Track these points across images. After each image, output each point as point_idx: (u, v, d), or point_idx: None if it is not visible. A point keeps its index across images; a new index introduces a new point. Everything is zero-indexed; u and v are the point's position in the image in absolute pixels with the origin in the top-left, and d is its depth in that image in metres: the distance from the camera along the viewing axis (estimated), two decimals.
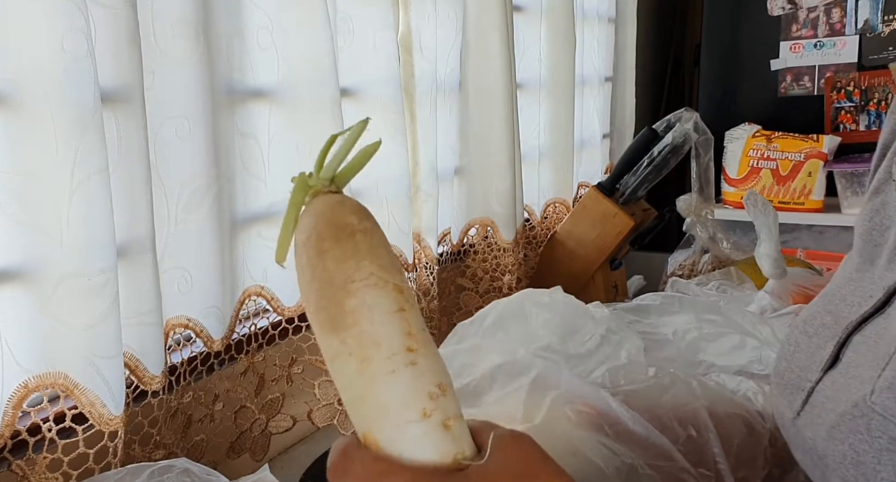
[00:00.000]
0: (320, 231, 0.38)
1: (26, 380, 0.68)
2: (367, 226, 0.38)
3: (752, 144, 1.83)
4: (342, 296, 0.37)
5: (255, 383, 0.96)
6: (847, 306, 0.46)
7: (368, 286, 0.36)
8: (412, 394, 0.36)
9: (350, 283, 0.36)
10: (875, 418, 0.38)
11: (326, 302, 0.37)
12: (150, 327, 0.76)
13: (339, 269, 0.37)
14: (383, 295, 0.36)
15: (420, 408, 0.36)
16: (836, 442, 0.41)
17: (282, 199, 0.96)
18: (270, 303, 0.97)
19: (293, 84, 0.93)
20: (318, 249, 0.38)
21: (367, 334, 0.36)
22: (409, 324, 0.37)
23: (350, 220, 0.38)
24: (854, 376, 0.42)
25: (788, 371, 0.48)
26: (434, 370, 0.37)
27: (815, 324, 0.48)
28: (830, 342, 0.45)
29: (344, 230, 0.37)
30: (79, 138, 0.66)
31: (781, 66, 1.93)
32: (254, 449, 0.96)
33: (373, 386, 0.36)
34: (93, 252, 0.68)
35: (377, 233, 0.39)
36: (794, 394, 0.46)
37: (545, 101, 1.59)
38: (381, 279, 0.37)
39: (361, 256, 0.37)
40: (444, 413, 0.37)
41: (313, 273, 0.38)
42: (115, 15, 0.69)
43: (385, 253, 0.38)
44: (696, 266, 1.49)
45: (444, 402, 0.37)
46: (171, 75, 0.78)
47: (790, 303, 1.06)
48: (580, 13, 1.71)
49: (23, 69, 0.64)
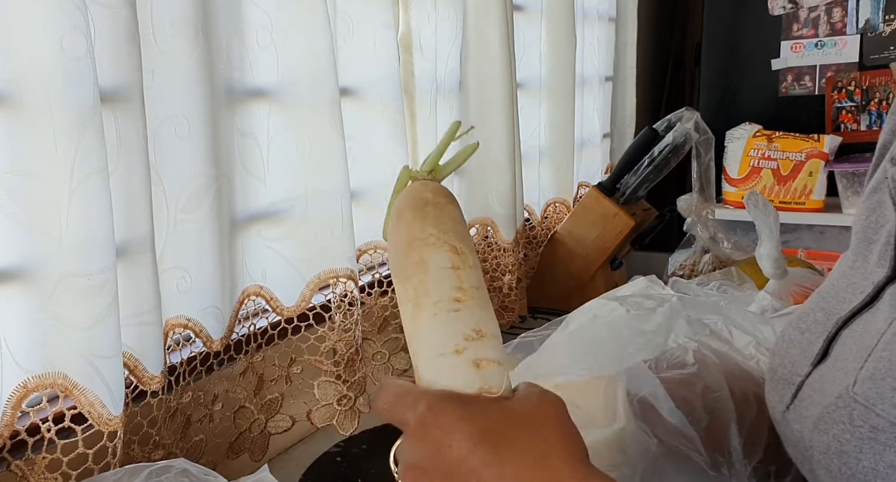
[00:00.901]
0: (402, 204, 0.45)
1: (25, 380, 0.68)
2: (439, 200, 0.45)
3: (752, 144, 1.83)
4: (407, 251, 0.43)
5: (255, 383, 0.96)
6: (839, 302, 0.46)
7: (427, 245, 0.42)
8: (448, 333, 0.41)
9: (414, 241, 0.43)
10: (857, 408, 0.39)
11: (398, 255, 0.44)
12: (149, 327, 0.76)
13: (409, 230, 0.43)
14: (439, 253, 0.42)
15: (453, 345, 0.41)
16: (820, 433, 0.41)
17: (281, 199, 0.96)
18: (270, 303, 0.96)
19: (293, 83, 0.93)
20: (398, 217, 0.45)
21: (423, 284, 0.42)
22: (460, 280, 0.42)
23: (426, 194, 0.45)
24: (839, 369, 0.43)
25: (781, 366, 0.49)
26: (477, 318, 0.42)
27: (808, 320, 0.49)
28: (821, 337, 0.46)
29: (419, 201, 0.44)
30: (78, 138, 0.65)
31: (782, 65, 1.93)
32: (253, 449, 0.96)
33: (419, 326, 0.42)
34: (92, 252, 0.68)
35: (449, 208, 0.45)
36: (784, 389, 0.47)
37: (545, 100, 1.59)
38: (438, 240, 0.42)
39: (427, 222, 0.43)
40: (476, 353, 0.41)
41: (393, 234, 0.45)
42: (115, 14, 0.69)
43: (450, 222, 0.44)
44: (697, 266, 1.49)
45: (479, 344, 0.41)
46: (171, 74, 0.78)
47: (791, 304, 1.06)
48: (580, 13, 1.71)
49: (22, 69, 0.64)
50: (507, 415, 0.39)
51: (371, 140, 1.08)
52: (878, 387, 0.38)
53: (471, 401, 0.39)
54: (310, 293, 0.99)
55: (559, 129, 1.61)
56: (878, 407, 0.38)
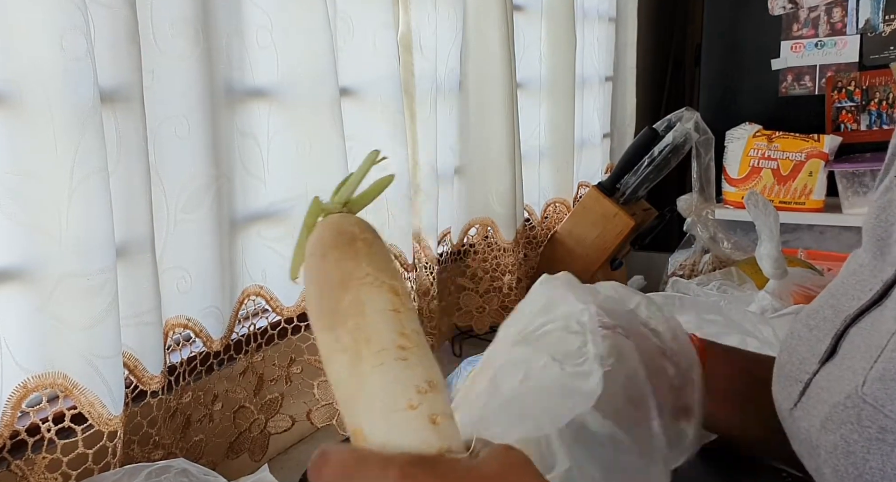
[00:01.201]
0: (324, 239, 0.40)
1: (25, 380, 0.68)
2: (368, 236, 0.40)
3: (752, 144, 1.83)
4: (339, 292, 0.38)
5: (255, 383, 0.96)
6: (848, 300, 0.46)
7: (364, 284, 0.38)
8: (399, 386, 0.37)
9: (347, 281, 0.38)
10: (866, 408, 0.39)
11: (324, 299, 0.39)
12: (149, 327, 0.76)
13: (338, 269, 0.39)
14: (378, 294, 0.38)
15: (406, 400, 0.37)
16: (828, 432, 0.41)
17: (281, 199, 0.96)
18: (269, 303, 0.96)
19: (293, 83, 0.93)
20: (321, 254, 0.40)
21: (360, 329, 0.38)
22: (402, 324, 0.38)
23: (352, 229, 0.40)
24: (848, 367, 0.42)
25: (789, 363, 0.49)
26: (425, 367, 0.38)
27: (817, 317, 0.49)
28: (829, 335, 0.46)
29: (345, 236, 0.40)
30: (78, 138, 0.65)
31: (782, 65, 1.93)
32: (253, 449, 0.96)
33: (361, 379, 0.37)
34: (92, 251, 0.68)
35: (378, 243, 0.41)
36: (792, 386, 0.47)
37: (545, 100, 1.59)
38: (377, 279, 0.38)
39: (360, 259, 0.39)
40: (431, 408, 0.37)
41: (315, 274, 0.40)
42: (115, 14, 0.69)
43: (384, 259, 0.40)
44: (697, 266, 1.49)
45: (432, 398, 0.37)
46: (171, 74, 0.78)
47: (791, 304, 1.06)
48: (580, 13, 1.71)
49: (22, 68, 0.64)
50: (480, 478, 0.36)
51: (371, 140, 1.08)
52: (887, 388, 0.38)
53: (439, 464, 0.36)
54: None
55: (559, 129, 1.61)
56: (886, 408, 0.38)
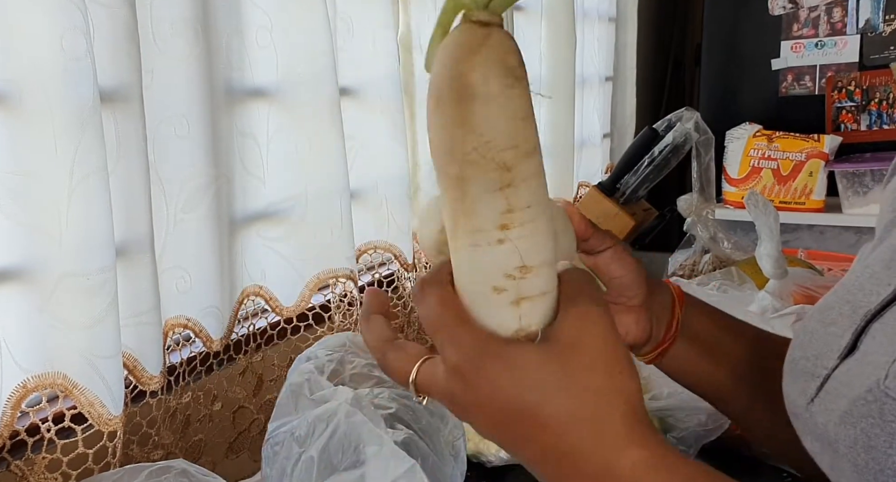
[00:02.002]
0: (440, 87, 0.34)
1: (25, 380, 0.68)
2: (489, 90, 0.33)
3: (752, 144, 1.83)
4: (447, 161, 0.35)
5: (254, 383, 0.96)
6: (865, 295, 0.46)
7: (468, 161, 0.34)
8: (488, 270, 0.36)
9: (452, 151, 0.35)
10: (888, 403, 0.38)
11: (435, 159, 0.36)
12: (148, 327, 0.76)
13: (447, 135, 0.35)
14: (482, 173, 0.34)
15: (491, 284, 0.36)
16: (848, 427, 0.41)
17: (281, 199, 0.96)
18: (269, 303, 0.96)
19: (292, 83, 0.93)
20: (438, 101, 0.35)
21: (460, 204, 0.35)
22: (509, 202, 0.35)
23: (472, 78, 0.33)
24: (869, 363, 0.42)
25: (803, 359, 0.48)
26: (525, 250, 0.36)
27: (832, 313, 0.48)
28: (848, 330, 0.45)
29: (463, 91, 0.33)
30: (78, 138, 0.65)
31: (782, 65, 1.93)
32: (252, 449, 0.96)
33: (456, 247, 0.37)
34: (92, 251, 0.68)
35: (501, 98, 0.34)
36: (807, 382, 0.47)
37: (545, 100, 1.59)
38: (483, 157, 0.34)
39: (469, 128, 0.34)
40: (518, 292, 0.36)
41: (431, 129, 0.36)
42: (114, 14, 0.69)
43: (502, 123, 0.34)
44: (697, 266, 1.49)
45: (522, 283, 0.36)
46: (170, 74, 0.78)
47: (791, 304, 1.06)
48: (580, 13, 1.71)
49: (22, 69, 0.64)
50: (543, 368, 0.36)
51: (371, 140, 1.08)
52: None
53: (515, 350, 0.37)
54: (309, 293, 0.99)
55: (559, 129, 1.60)
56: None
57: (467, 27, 0.34)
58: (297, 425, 0.68)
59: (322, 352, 0.77)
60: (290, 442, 0.67)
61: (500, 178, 0.34)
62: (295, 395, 0.71)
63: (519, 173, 0.35)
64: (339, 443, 0.64)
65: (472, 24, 0.34)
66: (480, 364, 0.37)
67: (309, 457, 0.65)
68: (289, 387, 0.72)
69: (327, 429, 0.65)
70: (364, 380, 0.75)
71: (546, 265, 0.37)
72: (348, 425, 0.65)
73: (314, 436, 0.66)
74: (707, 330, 0.57)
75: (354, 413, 0.65)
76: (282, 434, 0.69)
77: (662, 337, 0.55)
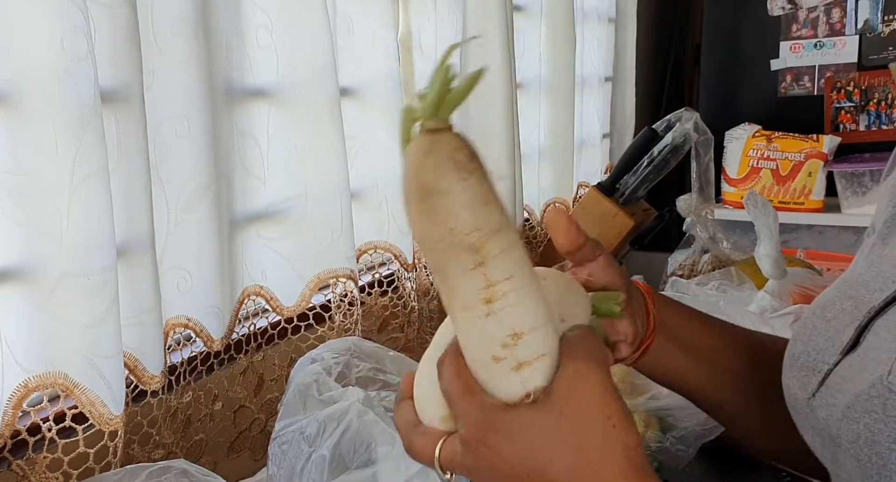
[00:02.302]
0: (406, 188, 0.39)
1: (26, 379, 0.68)
2: (443, 186, 0.37)
3: (752, 144, 1.83)
4: (424, 250, 0.39)
5: (255, 383, 0.96)
6: (868, 291, 0.46)
7: (438, 250, 0.38)
8: (483, 342, 0.39)
9: (424, 242, 0.39)
10: (891, 398, 0.39)
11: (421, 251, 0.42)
12: (149, 327, 0.76)
13: (418, 229, 0.39)
14: (455, 255, 0.38)
15: (490, 354, 0.39)
16: (850, 422, 0.41)
17: (281, 199, 0.96)
18: (270, 302, 0.97)
19: (293, 83, 0.93)
20: (405, 206, 0.39)
21: (445, 284, 0.39)
22: (487, 277, 0.38)
23: (427, 178, 0.38)
24: (872, 358, 0.42)
25: (804, 353, 0.48)
26: (514, 318, 0.39)
27: (833, 308, 0.48)
28: (850, 326, 0.45)
29: (421, 191, 0.38)
30: (78, 138, 0.65)
31: (781, 65, 1.93)
32: (253, 448, 0.96)
33: (457, 328, 0.40)
34: (92, 251, 0.68)
35: (456, 189, 0.37)
36: (808, 376, 0.47)
37: (545, 101, 1.59)
38: (451, 244, 0.37)
39: (434, 221, 0.38)
40: (516, 357, 0.39)
41: (409, 224, 0.40)
42: (115, 14, 0.69)
43: (462, 212, 0.37)
44: (696, 266, 1.49)
45: (518, 349, 0.39)
46: (171, 74, 0.78)
47: (790, 304, 1.06)
48: (580, 13, 1.71)
49: (23, 69, 0.64)
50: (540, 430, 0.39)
51: (371, 140, 1.08)
52: None
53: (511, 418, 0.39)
54: (310, 293, 0.99)
55: (559, 129, 1.61)
56: None
57: (420, 135, 0.38)
58: (307, 424, 0.68)
59: (328, 355, 0.77)
60: (300, 441, 0.68)
61: (472, 259, 0.38)
62: (303, 395, 0.71)
63: (489, 252, 0.38)
64: (350, 441, 0.65)
65: (424, 131, 0.38)
66: (483, 436, 0.40)
67: (320, 455, 0.65)
68: (296, 387, 0.73)
69: (339, 427, 0.66)
70: (370, 384, 0.76)
71: (538, 328, 0.40)
72: (360, 424, 0.65)
73: (325, 434, 0.66)
74: (683, 326, 0.57)
75: (366, 412, 0.66)
76: (290, 433, 0.69)
77: (644, 334, 0.55)
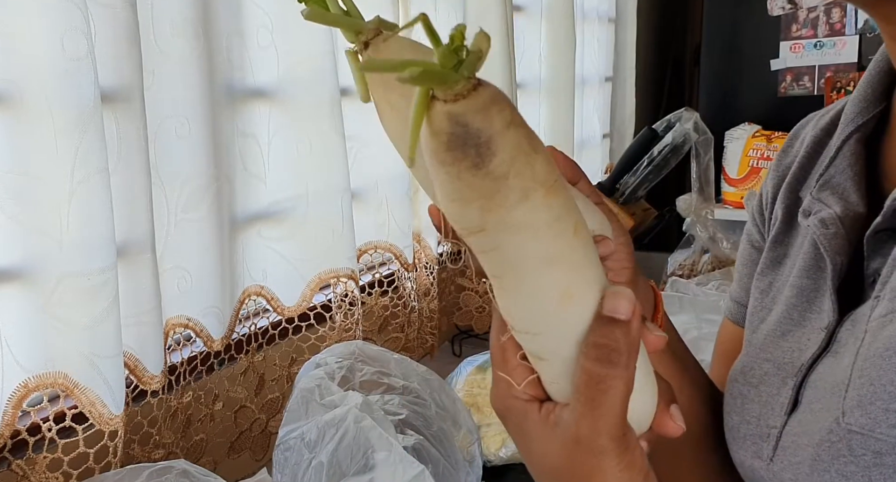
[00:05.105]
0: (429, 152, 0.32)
1: (26, 379, 0.68)
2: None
3: (751, 144, 1.83)
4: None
5: (255, 383, 0.96)
6: (787, 352, 0.48)
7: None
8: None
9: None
10: (854, 437, 0.39)
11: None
12: (149, 327, 0.76)
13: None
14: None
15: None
16: (821, 472, 0.41)
17: (282, 199, 0.96)
18: (270, 302, 0.97)
19: (293, 83, 0.93)
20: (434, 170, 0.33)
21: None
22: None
23: (442, 157, 0.31)
24: (819, 409, 0.43)
25: (743, 423, 0.49)
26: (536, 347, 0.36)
27: (756, 374, 0.50)
28: (784, 387, 0.47)
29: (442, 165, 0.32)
30: (79, 138, 0.65)
31: (781, 66, 1.93)
32: (254, 448, 0.96)
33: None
34: (92, 251, 0.68)
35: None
36: (758, 444, 0.47)
37: (545, 101, 1.59)
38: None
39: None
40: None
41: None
42: (115, 14, 0.69)
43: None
44: (696, 266, 1.50)
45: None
46: (171, 75, 0.78)
47: None
48: (580, 13, 1.71)
49: (23, 69, 0.64)
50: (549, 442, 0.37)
51: (371, 140, 1.08)
52: (869, 413, 0.39)
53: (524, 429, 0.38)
54: (310, 293, 0.99)
55: (559, 129, 1.61)
56: (876, 431, 0.38)
57: (433, 109, 0.31)
58: (308, 430, 0.68)
59: (332, 359, 0.77)
60: (301, 447, 0.68)
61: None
62: (305, 401, 0.72)
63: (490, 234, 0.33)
64: (348, 448, 0.65)
65: (444, 100, 0.30)
66: (517, 439, 0.38)
67: (319, 462, 0.66)
68: (299, 392, 0.73)
69: (337, 434, 0.66)
70: (374, 387, 0.76)
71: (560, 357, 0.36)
72: (357, 430, 0.65)
73: (324, 441, 0.66)
74: (675, 340, 0.57)
75: (363, 418, 0.66)
76: (292, 439, 0.70)
77: None
